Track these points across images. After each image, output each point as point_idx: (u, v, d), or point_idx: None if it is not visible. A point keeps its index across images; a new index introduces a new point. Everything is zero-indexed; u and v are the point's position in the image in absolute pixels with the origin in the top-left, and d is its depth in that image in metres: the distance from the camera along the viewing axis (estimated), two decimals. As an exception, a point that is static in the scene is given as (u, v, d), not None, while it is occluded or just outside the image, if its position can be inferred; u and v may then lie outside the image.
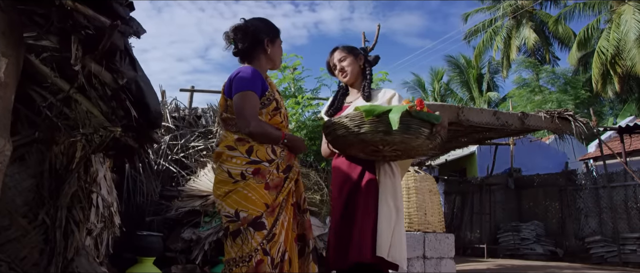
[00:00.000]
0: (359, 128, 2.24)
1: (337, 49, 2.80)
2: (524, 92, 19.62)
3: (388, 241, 2.43)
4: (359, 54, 2.80)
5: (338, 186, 2.64)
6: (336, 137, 2.36)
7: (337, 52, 2.79)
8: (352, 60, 2.75)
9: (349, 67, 2.73)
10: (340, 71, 2.76)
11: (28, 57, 2.57)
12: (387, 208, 2.48)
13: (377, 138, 2.23)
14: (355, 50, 2.81)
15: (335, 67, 2.79)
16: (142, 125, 3.08)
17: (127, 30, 2.44)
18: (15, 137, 2.83)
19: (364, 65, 2.79)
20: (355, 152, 2.49)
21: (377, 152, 2.38)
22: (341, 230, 2.50)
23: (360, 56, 2.79)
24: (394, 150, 2.33)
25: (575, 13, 19.27)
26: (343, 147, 2.50)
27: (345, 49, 2.79)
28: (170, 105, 7.39)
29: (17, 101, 2.42)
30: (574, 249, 9.80)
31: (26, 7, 2.27)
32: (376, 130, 2.21)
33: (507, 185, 11.32)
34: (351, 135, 2.27)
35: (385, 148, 2.31)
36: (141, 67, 2.93)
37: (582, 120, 5.75)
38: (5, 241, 3.07)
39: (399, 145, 2.29)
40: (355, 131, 2.25)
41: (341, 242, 2.47)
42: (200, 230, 5.23)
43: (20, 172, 3.21)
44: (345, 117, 2.32)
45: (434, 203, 5.54)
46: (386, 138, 2.22)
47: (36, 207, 3.26)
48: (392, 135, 2.19)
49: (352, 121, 2.26)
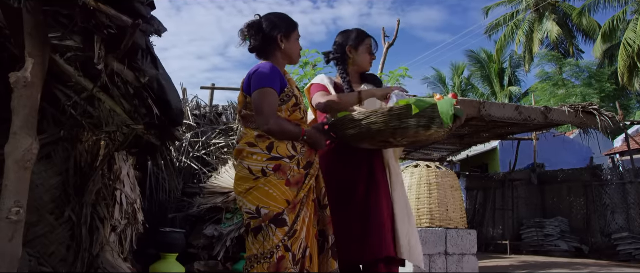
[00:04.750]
0: (401, 122, 2.14)
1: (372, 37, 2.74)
2: (547, 86, 19.26)
3: (407, 241, 2.42)
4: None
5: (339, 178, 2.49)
6: (369, 130, 2.20)
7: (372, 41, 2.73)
8: None
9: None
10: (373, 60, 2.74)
11: (53, 57, 2.62)
12: (403, 205, 2.48)
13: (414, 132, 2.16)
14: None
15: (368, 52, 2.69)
16: (164, 122, 3.11)
17: (149, 29, 2.46)
18: (41, 136, 2.89)
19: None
20: (366, 145, 2.38)
21: (388, 143, 2.32)
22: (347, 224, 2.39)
23: None
24: (405, 140, 2.27)
25: (600, 4, 18.88)
26: (362, 140, 2.33)
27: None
28: (191, 103, 7.47)
29: (43, 100, 2.47)
30: (600, 246, 9.59)
31: (51, 8, 2.31)
32: (418, 124, 2.14)
33: (530, 180, 11.14)
34: (387, 130, 2.16)
35: (397, 139, 2.24)
36: (162, 66, 2.96)
37: (607, 114, 5.62)
38: (33, 237, 3.14)
39: (413, 137, 2.23)
40: (395, 125, 2.15)
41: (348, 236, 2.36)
42: (222, 227, 5.28)
43: (47, 169, 3.28)
44: (388, 111, 2.17)
45: (456, 200, 5.49)
46: (423, 132, 2.16)
47: (62, 204, 3.33)
48: (429, 129, 2.14)
49: (397, 115, 2.15)
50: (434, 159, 9.46)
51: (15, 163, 2.18)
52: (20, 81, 2.21)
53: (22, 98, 2.22)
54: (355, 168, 2.50)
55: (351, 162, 2.51)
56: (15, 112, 2.22)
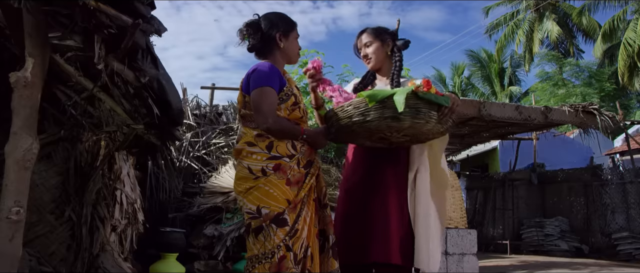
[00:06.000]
0: (364, 116, 2.07)
1: (365, 32, 2.61)
2: (547, 86, 19.26)
3: (426, 251, 2.36)
4: (387, 38, 2.59)
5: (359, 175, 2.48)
6: (340, 127, 2.19)
7: (364, 36, 2.61)
8: (378, 46, 2.57)
9: (373, 54, 2.57)
10: (364, 57, 2.61)
11: (53, 57, 2.62)
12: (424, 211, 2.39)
13: (383, 125, 2.06)
14: (383, 34, 2.60)
15: (361, 51, 2.63)
16: (164, 122, 3.12)
17: (149, 29, 2.46)
18: (42, 135, 2.90)
19: (392, 51, 2.58)
20: (362, 142, 2.34)
21: (384, 139, 2.25)
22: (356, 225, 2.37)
23: (388, 41, 2.58)
24: (402, 136, 2.19)
25: (600, 4, 18.82)
26: (349, 137, 2.33)
27: (373, 32, 2.60)
28: (191, 103, 7.47)
29: (43, 100, 2.47)
30: (600, 246, 9.60)
31: (51, 8, 2.31)
32: (382, 116, 2.04)
33: (530, 180, 11.14)
34: (355, 125, 2.11)
35: (393, 134, 2.17)
36: (162, 66, 2.96)
37: (607, 113, 5.62)
38: (34, 237, 3.15)
39: (407, 131, 2.13)
40: (359, 120, 2.09)
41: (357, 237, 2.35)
42: (222, 227, 5.28)
43: (47, 169, 3.29)
44: (348, 105, 2.14)
45: (456, 199, 5.49)
46: (394, 124, 2.05)
47: (63, 204, 3.33)
48: (400, 120, 2.02)
49: (356, 109, 2.10)
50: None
51: (15, 163, 2.18)
52: (20, 81, 2.21)
53: (22, 98, 2.22)
54: (364, 170, 2.47)
55: (363, 163, 2.49)
56: (15, 112, 2.22)
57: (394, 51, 2.59)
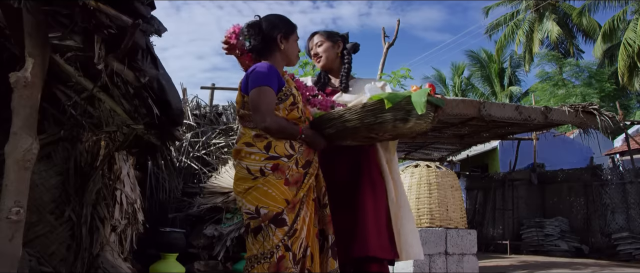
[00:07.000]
0: (376, 117, 2.12)
1: (317, 34, 2.77)
2: (547, 86, 19.27)
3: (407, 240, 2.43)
4: (338, 40, 2.75)
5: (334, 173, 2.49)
6: (345, 128, 2.22)
7: (316, 37, 2.76)
8: (329, 45, 2.71)
9: (324, 52, 2.71)
10: (314, 55, 2.75)
11: (53, 57, 2.63)
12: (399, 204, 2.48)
13: (389, 126, 2.13)
14: (334, 36, 2.77)
15: (312, 51, 2.78)
16: (164, 122, 3.12)
17: (149, 29, 2.47)
18: (41, 136, 2.90)
19: (342, 52, 2.75)
20: (350, 141, 2.37)
21: (371, 138, 2.32)
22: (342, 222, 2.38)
23: (338, 42, 2.74)
24: (388, 134, 2.26)
25: (600, 4, 18.85)
26: (339, 138, 2.34)
27: (324, 34, 2.76)
28: (191, 103, 7.47)
29: (43, 100, 2.47)
30: (600, 246, 9.59)
31: (51, 8, 2.32)
32: (394, 118, 2.11)
33: (530, 180, 11.13)
34: (363, 126, 2.15)
35: (381, 134, 2.24)
36: (162, 66, 2.96)
37: (607, 114, 5.63)
38: (34, 237, 3.15)
39: (399, 130, 2.20)
40: (370, 121, 2.13)
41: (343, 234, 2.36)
42: (222, 227, 5.29)
43: (47, 169, 3.29)
44: (361, 108, 2.18)
45: (456, 199, 5.49)
46: (399, 125, 2.12)
47: (62, 204, 3.33)
48: (407, 121, 2.10)
49: (371, 111, 2.14)
50: (434, 159, 9.48)
51: (15, 163, 2.18)
52: (20, 81, 2.21)
53: (22, 98, 2.22)
54: (337, 166, 2.50)
55: (334, 160, 2.50)
56: (15, 112, 2.23)
57: (344, 53, 2.76)
